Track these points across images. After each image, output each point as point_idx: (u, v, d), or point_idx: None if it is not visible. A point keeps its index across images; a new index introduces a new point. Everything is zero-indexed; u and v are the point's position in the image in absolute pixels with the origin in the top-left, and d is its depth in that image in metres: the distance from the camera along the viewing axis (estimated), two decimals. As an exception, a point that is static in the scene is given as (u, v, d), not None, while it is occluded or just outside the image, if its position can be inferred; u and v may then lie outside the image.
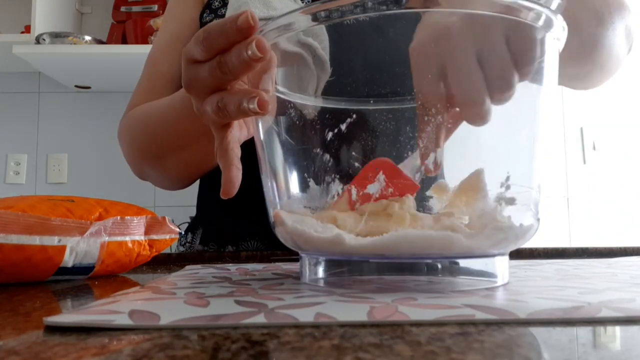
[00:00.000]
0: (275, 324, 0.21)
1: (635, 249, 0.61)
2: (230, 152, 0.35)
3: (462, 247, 0.28)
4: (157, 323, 0.21)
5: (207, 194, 0.77)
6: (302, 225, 0.31)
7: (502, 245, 0.30)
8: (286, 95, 0.36)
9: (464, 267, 0.31)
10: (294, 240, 0.32)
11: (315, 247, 0.31)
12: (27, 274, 0.37)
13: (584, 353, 0.17)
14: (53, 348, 0.18)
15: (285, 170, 0.35)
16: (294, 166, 0.35)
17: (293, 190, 0.35)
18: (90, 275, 0.42)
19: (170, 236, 0.48)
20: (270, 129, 0.35)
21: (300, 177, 0.35)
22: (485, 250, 0.30)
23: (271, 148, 0.36)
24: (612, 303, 0.24)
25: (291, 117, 0.35)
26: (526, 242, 0.32)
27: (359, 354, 0.17)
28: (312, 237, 0.30)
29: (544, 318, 0.21)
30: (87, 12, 2.05)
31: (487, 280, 0.31)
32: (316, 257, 0.33)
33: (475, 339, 0.18)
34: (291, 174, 0.35)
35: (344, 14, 0.30)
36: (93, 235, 0.41)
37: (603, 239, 1.83)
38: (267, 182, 0.36)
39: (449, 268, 0.31)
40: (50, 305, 0.29)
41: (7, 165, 1.93)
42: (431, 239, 0.28)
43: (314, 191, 0.34)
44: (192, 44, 0.33)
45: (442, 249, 0.28)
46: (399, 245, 0.28)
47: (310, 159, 0.34)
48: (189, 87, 0.35)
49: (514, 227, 0.30)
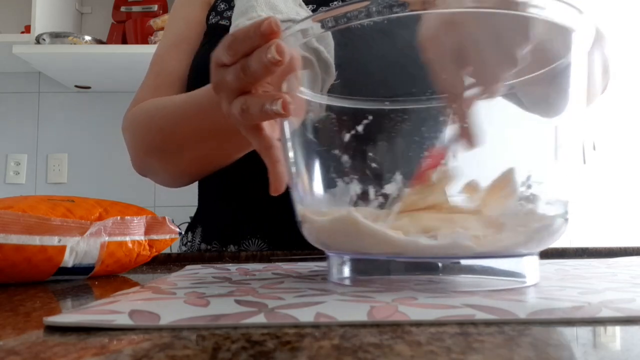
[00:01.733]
0: (275, 324, 0.21)
1: (635, 249, 0.61)
2: (273, 150, 0.36)
3: (493, 247, 0.28)
4: (157, 323, 0.21)
5: (209, 191, 0.77)
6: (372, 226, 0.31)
7: (531, 245, 0.30)
8: (311, 96, 0.37)
9: (492, 266, 0.31)
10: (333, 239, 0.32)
11: (382, 249, 0.30)
12: (27, 274, 0.37)
13: (584, 353, 0.17)
14: (53, 348, 0.18)
15: (312, 169, 0.36)
16: (321, 166, 0.36)
17: (317, 189, 0.36)
18: (90, 275, 0.42)
19: (170, 236, 0.48)
20: (299, 129, 0.36)
21: (327, 176, 0.35)
22: (514, 250, 0.30)
23: (299, 148, 0.36)
24: (612, 303, 0.24)
25: (320, 118, 0.36)
26: (555, 242, 0.31)
27: (359, 354, 0.17)
28: (387, 237, 0.30)
29: (544, 318, 0.21)
30: (87, 12, 2.05)
31: (516, 280, 0.31)
32: (342, 256, 0.33)
33: (475, 339, 0.18)
34: (318, 173, 0.36)
35: (354, 19, 0.31)
36: (93, 236, 0.41)
37: (603, 239, 1.83)
38: (297, 181, 0.36)
39: (477, 267, 0.31)
40: (50, 305, 0.29)
41: (7, 165, 1.93)
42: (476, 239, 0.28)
43: (340, 190, 0.35)
44: (220, 48, 0.35)
45: (475, 249, 0.28)
46: (455, 247, 0.28)
47: (338, 158, 0.35)
48: (217, 89, 0.36)
49: (544, 227, 0.30)
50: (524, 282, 0.31)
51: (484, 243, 0.28)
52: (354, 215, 0.30)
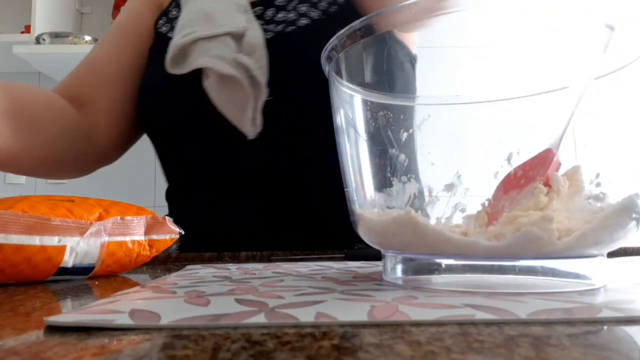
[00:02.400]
0: (276, 324, 0.21)
1: (635, 249, 0.61)
2: None
3: (558, 247, 0.27)
4: (158, 323, 0.21)
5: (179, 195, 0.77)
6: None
7: (600, 246, 0.29)
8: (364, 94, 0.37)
9: (557, 268, 0.29)
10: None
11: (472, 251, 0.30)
12: (27, 274, 0.37)
13: (584, 353, 0.17)
14: (53, 348, 0.18)
15: (369, 169, 0.36)
16: (378, 166, 0.36)
17: (373, 189, 0.36)
18: (90, 275, 0.42)
19: (170, 236, 0.48)
20: (355, 128, 0.36)
21: (383, 176, 0.36)
22: (581, 251, 0.28)
23: (355, 147, 0.37)
24: (613, 303, 0.24)
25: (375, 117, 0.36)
26: (624, 243, 0.30)
27: (359, 354, 0.17)
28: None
29: (544, 318, 0.21)
30: (87, 12, 2.05)
31: (581, 282, 0.30)
32: (395, 255, 0.34)
33: (475, 339, 0.18)
34: (375, 173, 0.36)
35: None
36: (93, 236, 0.41)
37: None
38: (353, 181, 0.37)
39: (539, 268, 0.29)
40: (50, 305, 0.29)
41: (7, 165, 1.93)
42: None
43: (396, 189, 0.35)
44: None
45: (539, 250, 0.27)
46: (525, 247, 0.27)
47: (395, 157, 0.35)
48: None
49: (612, 227, 0.28)
50: (591, 285, 0.29)
51: (546, 244, 0.27)
52: (412, 215, 0.30)
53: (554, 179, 0.30)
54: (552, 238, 0.27)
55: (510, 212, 0.29)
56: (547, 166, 0.31)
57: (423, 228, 0.30)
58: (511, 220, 0.29)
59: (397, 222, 0.31)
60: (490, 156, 0.33)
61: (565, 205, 0.30)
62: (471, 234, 0.30)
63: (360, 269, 0.43)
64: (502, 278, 0.30)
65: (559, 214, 0.29)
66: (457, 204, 0.34)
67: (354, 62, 0.36)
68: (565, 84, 0.33)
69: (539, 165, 0.32)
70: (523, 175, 0.32)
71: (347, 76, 0.37)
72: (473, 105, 0.36)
